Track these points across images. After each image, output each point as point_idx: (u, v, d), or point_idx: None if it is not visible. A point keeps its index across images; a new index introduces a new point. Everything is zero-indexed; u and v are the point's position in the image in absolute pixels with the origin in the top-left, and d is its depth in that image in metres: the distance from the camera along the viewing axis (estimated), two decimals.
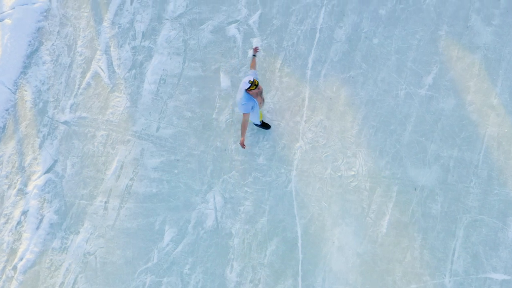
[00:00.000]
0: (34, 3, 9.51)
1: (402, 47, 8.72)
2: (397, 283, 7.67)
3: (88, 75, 9.08)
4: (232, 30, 9.09)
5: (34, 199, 8.50)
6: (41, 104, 9.00)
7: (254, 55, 7.72)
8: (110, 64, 9.11)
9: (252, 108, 7.39)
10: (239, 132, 8.51)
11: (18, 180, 8.64)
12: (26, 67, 9.22)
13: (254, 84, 7.16)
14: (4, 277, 8.20)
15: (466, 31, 8.71)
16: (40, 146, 8.78)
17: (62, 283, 8.12)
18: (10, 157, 8.77)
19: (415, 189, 8.01)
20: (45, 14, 9.48)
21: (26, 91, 9.09)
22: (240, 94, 7.35)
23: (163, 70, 9.00)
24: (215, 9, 9.24)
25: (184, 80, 8.92)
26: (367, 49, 8.76)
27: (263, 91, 8.04)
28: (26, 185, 8.60)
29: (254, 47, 7.79)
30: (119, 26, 9.31)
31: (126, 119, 8.80)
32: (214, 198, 8.22)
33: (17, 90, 9.12)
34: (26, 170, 8.68)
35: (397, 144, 8.26)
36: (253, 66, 7.66)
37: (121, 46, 9.20)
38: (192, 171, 8.38)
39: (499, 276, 7.59)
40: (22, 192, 8.57)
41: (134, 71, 9.04)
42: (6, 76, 9.11)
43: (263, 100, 7.72)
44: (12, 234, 8.39)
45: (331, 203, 8.04)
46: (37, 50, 9.30)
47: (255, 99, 7.39)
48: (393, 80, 8.59)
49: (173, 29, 9.21)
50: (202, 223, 8.13)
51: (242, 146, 7.35)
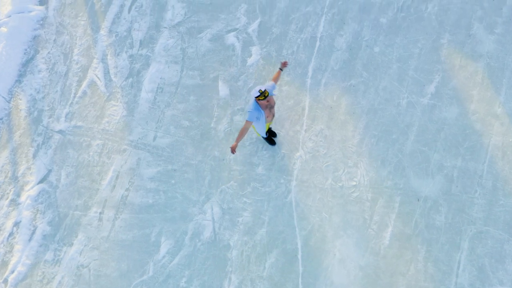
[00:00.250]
0: (30, 11, 9.40)
1: (404, 56, 8.60)
2: None
3: (84, 84, 8.93)
4: (231, 38, 8.97)
5: (27, 210, 8.28)
6: (36, 113, 8.83)
7: (281, 69, 7.46)
8: (106, 72, 8.96)
9: (257, 118, 7.23)
10: None
11: (11, 190, 8.43)
12: (21, 76, 9.07)
13: (263, 94, 7.00)
14: None
15: (469, 40, 8.60)
16: (34, 156, 8.58)
17: None
18: (3, 166, 8.56)
19: (418, 199, 7.82)
20: (41, 22, 9.36)
21: (20, 100, 8.92)
22: (250, 101, 7.36)
23: (161, 78, 8.85)
24: (214, 17, 9.13)
25: (182, 88, 8.77)
26: (368, 57, 8.64)
27: (275, 107, 7.69)
28: (19, 195, 8.39)
29: (283, 61, 7.48)
30: (116, 35, 9.18)
31: (122, 128, 8.62)
32: (212, 209, 8.03)
33: (11, 98, 8.95)
34: (19, 180, 8.48)
35: (399, 153, 8.09)
36: (274, 78, 7.43)
37: (118, 55, 9.06)
38: (189, 181, 8.20)
39: None
40: (14, 202, 8.35)
41: (131, 80, 8.89)
42: (0, 84, 8.96)
43: (273, 115, 7.52)
44: (3, 246, 8.15)
45: (332, 214, 7.84)
46: (32, 58, 9.16)
47: (263, 111, 7.23)
48: (394, 88, 8.44)
49: (171, 37, 9.08)
50: (199, 235, 7.92)
51: (232, 150, 7.14)
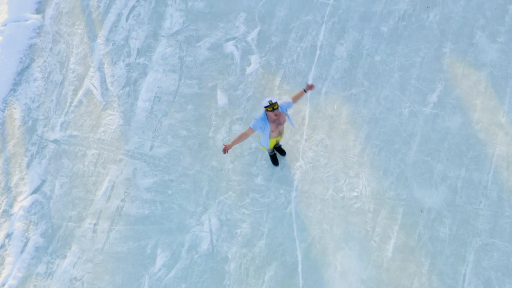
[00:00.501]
0: (27, 20, 9.28)
1: (405, 64, 8.47)
2: None
3: (80, 93, 8.77)
4: (230, 47, 8.84)
5: (20, 221, 8.06)
6: (30, 122, 8.65)
7: (305, 90, 7.13)
8: (103, 81, 8.81)
9: (261, 128, 7.03)
10: (237, 151, 8.17)
11: (3, 201, 8.21)
12: (16, 84, 8.91)
13: (272, 106, 6.76)
14: None
15: (471, 48, 8.49)
16: (27, 166, 8.39)
17: None
18: None
19: (422, 211, 7.63)
20: (37, 31, 9.24)
21: (15, 109, 8.75)
22: (261, 110, 7.16)
23: (158, 87, 8.70)
24: (213, 26, 9.01)
25: (179, 97, 8.61)
26: (369, 66, 8.51)
27: (284, 127, 7.33)
28: (11, 206, 8.17)
29: (310, 84, 7.15)
30: (114, 43, 9.05)
31: (119, 138, 8.44)
32: (210, 220, 7.82)
33: (6, 107, 8.79)
34: (12, 191, 8.26)
35: (401, 163, 7.92)
36: (294, 97, 7.15)
37: (115, 63, 8.92)
38: (186, 192, 8.00)
39: None
40: (7, 213, 8.13)
41: (128, 89, 8.74)
42: None
43: (279, 132, 7.25)
44: None
45: (333, 226, 7.64)
46: (28, 67, 9.01)
47: (269, 124, 7.00)
48: (396, 98, 8.30)
49: (169, 46, 8.95)
50: (196, 247, 7.71)
51: (224, 150, 6.93)
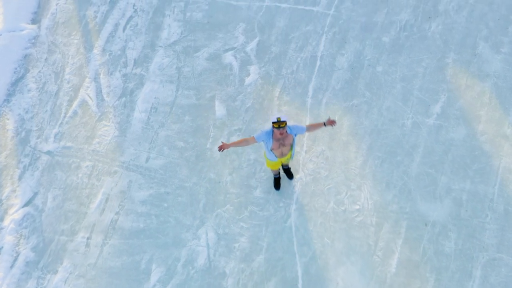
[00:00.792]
0: (22, 30, 9.13)
1: (408, 75, 8.30)
2: None
3: (75, 103, 8.57)
4: (228, 57, 8.68)
5: (10, 235, 7.79)
6: (23, 133, 8.44)
7: (325, 124, 6.77)
8: (99, 92, 8.62)
9: (263, 141, 6.78)
10: (235, 163, 7.96)
11: None
12: (10, 95, 8.72)
13: (278, 123, 6.47)
14: None
15: (475, 59, 8.33)
16: (20, 178, 8.15)
17: None
18: None
19: (426, 224, 7.39)
20: (33, 41, 9.08)
21: (8, 120, 8.54)
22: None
23: (155, 98, 8.51)
24: (211, 36, 8.85)
25: (176, 108, 8.41)
26: (371, 76, 8.34)
27: (291, 149, 6.99)
28: (2, 219, 7.92)
29: (332, 119, 6.75)
30: (110, 53, 8.89)
31: (114, 149, 8.22)
32: (207, 234, 7.56)
33: None
34: (3, 203, 8.01)
35: (404, 176, 7.69)
36: (311, 125, 6.83)
37: (111, 74, 8.74)
38: (183, 205, 7.76)
39: None
40: None
41: (124, 99, 8.54)
42: None
43: (282, 153, 6.89)
44: None
45: (335, 240, 7.39)
46: (22, 77, 8.83)
47: (272, 140, 6.72)
48: (399, 108, 8.11)
49: (166, 56, 8.79)
50: (193, 262, 7.44)
51: (221, 147, 6.66)
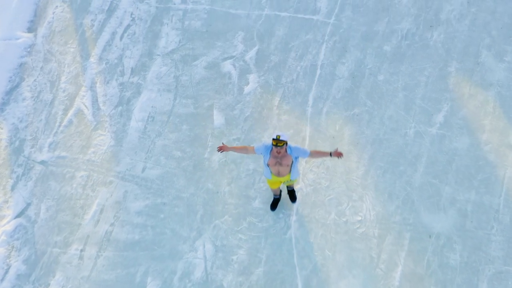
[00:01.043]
0: (18, 39, 9.00)
1: (410, 84, 8.17)
2: None
3: (70, 112, 8.41)
4: (227, 66, 8.55)
5: (1, 247, 7.58)
6: (17, 142, 8.26)
7: (331, 154, 6.52)
8: (95, 100, 8.46)
9: (261, 154, 6.60)
10: (233, 173, 7.81)
11: None
12: (4, 104, 8.55)
13: (277, 141, 6.26)
14: None
15: (478, 68, 8.22)
16: (12, 188, 7.95)
17: None
18: None
19: (430, 236, 7.20)
20: (28, 49, 8.95)
21: (1, 129, 8.37)
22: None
23: (152, 107, 8.35)
24: (210, 45, 8.74)
25: (174, 117, 8.26)
26: (372, 85, 8.21)
27: (291, 171, 6.74)
28: None
29: (339, 151, 6.48)
30: (107, 62, 8.75)
31: (109, 159, 8.04)
32: (204, 246, 7.36)
33: None
34: None
35: (407, 186, 7.52)
36: (315, 151, 6.62)
37: (108, 82, 8.59)
38: (180, 216, 7.57)
39: None
40: None
41: (120, 108, 8.39)
42: None
43: (278, 173, 6.66)
44: None
45: (336, 252, 7.22)
46: (17, 86, 8.68)
47: (269, 156, 6.51)
48: (401, 118, 7.96)
49: (164, 65, 8.66)
50: (189, 275, 7.24)
51: (220, 148, 6.53)
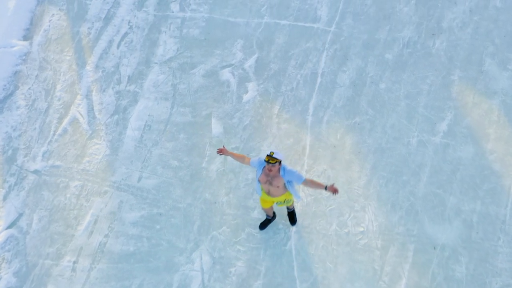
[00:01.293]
0: (13, 47, 8.85)
1: (412, 92, 8.02)
2: None
3: (65, 121, 8.23)
4: (226, 74, 8.40)
5: None
6: (10, 151, 8.06)
7: (326, 188, 6.13)
8: (90, 109, 8.29)
9: (254, 167, 6.40)
10: (232, 182, 7.61)
11: None
12: None
13: (269, 157, 6.02)
14: None
15: (481, 76, 8.08)
16: (4, 198, 7.73)
17: None
18: None
19: (435, 248, 6.99)
20: (24, 57, 8.79)
21: None
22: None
23: (149, 115, 8.18)
24: (208, 53, 8.60)
25: (171, 126, 8.07)
26: (374, 94, 8.06)
27: (284, 193, 6.50)
28: None
29: (335, 187, 6.11)
30: (103, 70, 8.59)
31: (105, 168, 7.83)
32: (201, 258, 7.14)
33: None
34: None
35: (411, 196, 7.32)
36: (310, 181, 6.27)
37: (104, 91, 8.43)
38: (176, 227, 7.36)
39: None
40: None
41: (116, 117, 8.21)
42: None
43: (268, 192, 6.42)
44: None
45: (338, 264, 7.00)
46: (11, 94, 8.50)
47: (261, 172, 6.28)
48: (403, 127, 7.79)
49: (161, 73, 8.50)
50: (186, 287, 6.94)
51: (220, 151, 6.37)
